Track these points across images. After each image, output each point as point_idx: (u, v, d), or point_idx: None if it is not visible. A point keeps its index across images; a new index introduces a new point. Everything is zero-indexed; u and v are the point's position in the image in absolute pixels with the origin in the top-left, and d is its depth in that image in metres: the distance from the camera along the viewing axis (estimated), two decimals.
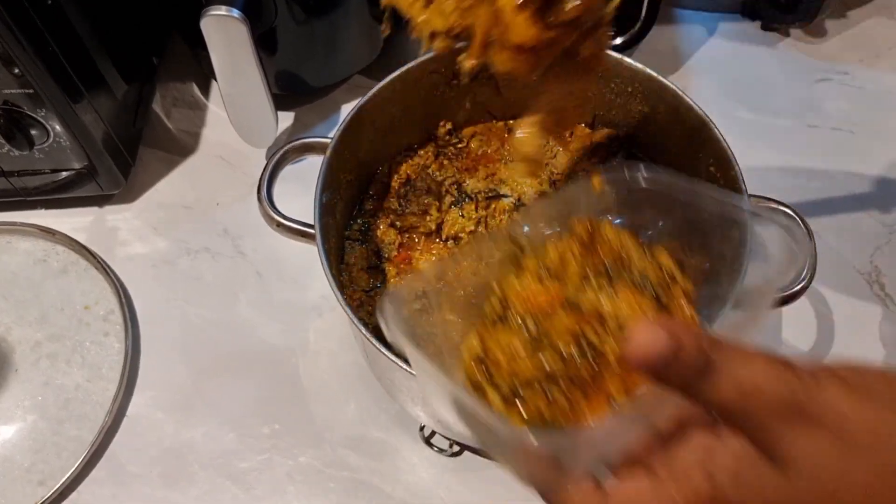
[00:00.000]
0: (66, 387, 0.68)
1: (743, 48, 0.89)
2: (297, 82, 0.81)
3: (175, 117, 0.85)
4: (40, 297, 0.72)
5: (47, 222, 0.76)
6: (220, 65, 0.68)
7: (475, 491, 0.64)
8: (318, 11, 0.74)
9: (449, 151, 0.69)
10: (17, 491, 0.63)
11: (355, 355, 0.70)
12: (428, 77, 0.64)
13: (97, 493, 0.65)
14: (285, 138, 0.83)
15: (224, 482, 0.65)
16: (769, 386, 0.29)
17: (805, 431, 0.29)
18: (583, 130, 0.70)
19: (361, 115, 0.61)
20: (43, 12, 0.61)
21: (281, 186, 0.60)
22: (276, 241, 0.61)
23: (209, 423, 0.67)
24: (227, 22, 0.64)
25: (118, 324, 0.70)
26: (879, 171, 0.80)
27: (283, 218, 0.58)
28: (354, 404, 0.68)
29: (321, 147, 0.60)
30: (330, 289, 0.52)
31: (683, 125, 0.62)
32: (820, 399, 0.29)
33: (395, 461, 0.65)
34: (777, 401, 0.29)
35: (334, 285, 0.52)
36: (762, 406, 0.29)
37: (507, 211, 0.65)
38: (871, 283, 0.73)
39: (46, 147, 0.69)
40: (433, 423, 0.60)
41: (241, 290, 0.74)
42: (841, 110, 0.84)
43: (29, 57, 0.61)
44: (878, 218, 0.77)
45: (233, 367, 0.70)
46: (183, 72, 0.88)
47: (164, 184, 0.81)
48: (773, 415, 0.29)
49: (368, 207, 0.67)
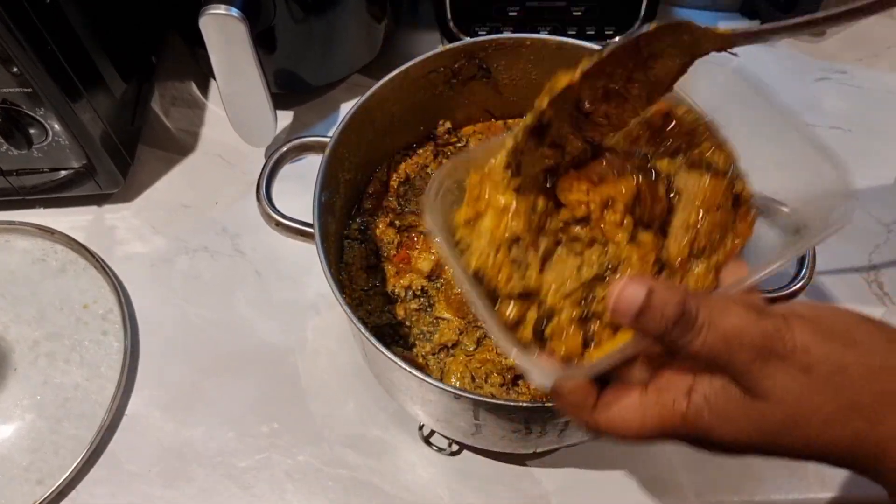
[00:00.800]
0: (64, 386, 0.68)
1: (742, 47, 0.89)
2: (296, 81, 0.81)
3: (174, 116, 0.85)
4: (39, 296, 0.72)
5: (46, 221, 0.76)
6: (219, 64, 0.68)
7: (474, 490, 0.64)
8: (316, 10, 0.74)
9: (448, 151, 0.69)
10: (15, 490, 0.63)
11: (354, 354, 0.70)
12: (427, 76, 0.64)
13: (96, 492, 0.65)
14: (284, 137, 0.83)
15: (223, 481, 0.65)
16: (747, 332, 0.33)
17: (776, 366, 0.33)
18: None
19: (361, 115, 0.61)
20: (41, 11, 0.61)
21: (280, 185, 0.60)
22: (274, 239, 0.61)
23: (208, 421, 0.67)
24: (225, 21, 0.64)
25: (117, 323, 0.70)
26: (878, 170, 0.80)
27: (282, 217, 0.58)
28: (353, 403, 0.68)
29: (320, 146, 0.60)
30: (328, 287, 0.52)
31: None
32: (788, 338, 0.33)
33: (394, 460, 0.66)
34: (753, 344, 0.33)
35: (333, 284, 0.52)
36: (741, 349, 0.33)
37: None
38: (869, 283, 0.73)
39: (45, 146, 0.69)
40: (432, 421, 0.60)
41: (240, 288, 0.74)
42: (839, 109, 0.84)
43: (27, 56, 0.60)
44: (876, 217, 0.77)
45: (231, 366, 0.70)
46: (182, 71, 0.88)
47: (162, 183, 0.81)
48: (749, 357, 0.33)
49: (367, 206, 0.67)
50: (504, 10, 0.79)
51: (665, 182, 0.43)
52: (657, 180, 0.43)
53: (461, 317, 0.61)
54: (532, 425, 0.53)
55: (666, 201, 0.43)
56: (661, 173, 0.43)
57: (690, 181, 0.43)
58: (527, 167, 0.41)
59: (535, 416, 0.52)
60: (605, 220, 0.41)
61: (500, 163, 0.41)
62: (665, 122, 0.45)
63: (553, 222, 0.42)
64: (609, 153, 0.43)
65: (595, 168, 0.42)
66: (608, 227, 0.41)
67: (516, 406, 0.50)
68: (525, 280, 0.40)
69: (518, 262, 0.40)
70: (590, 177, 0.42)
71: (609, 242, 0.41)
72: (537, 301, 0.40)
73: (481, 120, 0.71)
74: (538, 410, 0.51)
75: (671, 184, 0.43)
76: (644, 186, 0.42)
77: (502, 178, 0.41)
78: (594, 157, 0.43)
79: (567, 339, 0.40)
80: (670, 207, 0.43)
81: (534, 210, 0.41)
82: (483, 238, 0.40)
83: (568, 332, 0.40)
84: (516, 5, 0.78)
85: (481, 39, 0.63)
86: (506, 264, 0.40)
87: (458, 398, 0.50)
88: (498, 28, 0.80)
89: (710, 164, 0.44)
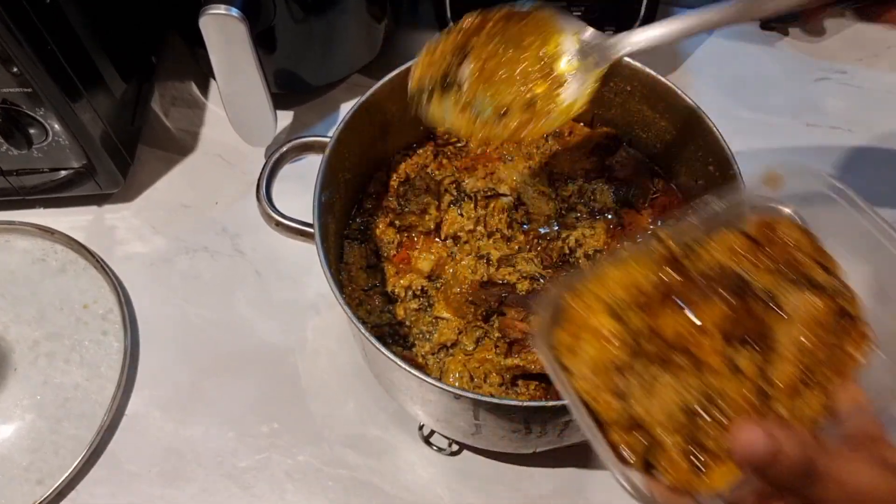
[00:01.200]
0: (64, 386, 0.68)
1: (742, 47, 0.89)
2: (296, 81, 0.81)
3: (174, 116, 0.85)
4: (39, 296, 0.72)
5: (46, 221, 0.76)
6: (219, 63, 0.68)
7: (474, 490, 0.64)
8: (316, 10, 0.74)
9: (448, 150, 0.69)
10: (15, 490, 0.63)
11: (354, 354, 0.70)
12: None
13: (96, 491, 0.65)
14: (284, 137, 0.83)
15: (223, 481, 0.65)
16: (874, 492, 0.33)
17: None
18: (582, 129, 0.70)
19: (361, 115, 0.61)
20: (41, 11, 0.61)
21: (280, 185, 0.60)
22: (274, 239, 0.61)
23: (208, 421, 0.67)
24: (225, 21, 0.64)
25: (117, 323, 0.70)
26: (878, 170, 0.80)
27: (283, 217, 0.58)
28: (353, 403, 0.68)
29: (320, 146, 0.60)
30: (328, 287, 0.52)
31: (682, 124, 0.62)
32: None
33: (394, 460, 0.66)
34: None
35: (333, 284, 0.52)
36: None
37: (505, 210, 0.65)
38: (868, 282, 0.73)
39: (45, 146, 0.69)
40: (432, 421, 0.60)
41: (240, 288, 0.74)
42: (839, 109, 0.84)
43: (27, 56, 0.60)
44: None
45: (231, 366, 0.70)
46: (182, 70, 0.88)
47: (162, 183, 0.81)
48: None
49: (367, 206, 0.67)
50: None
51: (765, 300, 0.43)
52: (755, 299, 0.42)
53: (460, 316, 0.61)
54: (532, 425, 0.53)
55: (764, 320, 0.42)
56: (760, 290, 0.43)
57: (794, 299, 0.43)
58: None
59: (535, 416, 0.52)
60: (703, 345, 0.41)
61: (604, 312, 0.42)
62: (766, 236, 0.45)
63: (654, 347, 0.42)
64: (702, 278, 0.43)
65: (685, 292, 0.42)
66: (706, 352, 0.41)
67: (516, 406, 0.50)
68: (629, 409, 0.40)
69: (621, 390, 0.40)
70: (680, 301, 0.42)
71: (710, 367, 0.41)
72: (643, 428, 0.40)
73: None
74: (538, 410, 0.51)
75: (775, 301, 0.43)
76: (740, 308, 0.42)
77: (604, 306, 0.42)
78: (684, 283, 0.43)
79: (675, 467, 0.39)
80: (771, 325, 0.42)
81: (635, 337, 0.41)
82: (585, 364, 0.41)
83: (675, 460, 0.40)
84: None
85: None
86: (608, 392, 0.40)
87: (459, 398, 0.50)
88: None
89: (815, 280, 0.44)
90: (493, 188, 0.66)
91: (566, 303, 0.42)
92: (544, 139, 0.69)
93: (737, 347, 0.41)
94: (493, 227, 0.65)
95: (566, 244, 0.63)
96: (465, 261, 0.63)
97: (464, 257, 0.63)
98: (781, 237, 0.45)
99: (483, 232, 0.65)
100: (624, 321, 0.41)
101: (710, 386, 0.40)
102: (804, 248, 0.45)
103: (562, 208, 0.66)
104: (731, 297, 0.42)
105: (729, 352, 0.41)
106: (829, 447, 0.34)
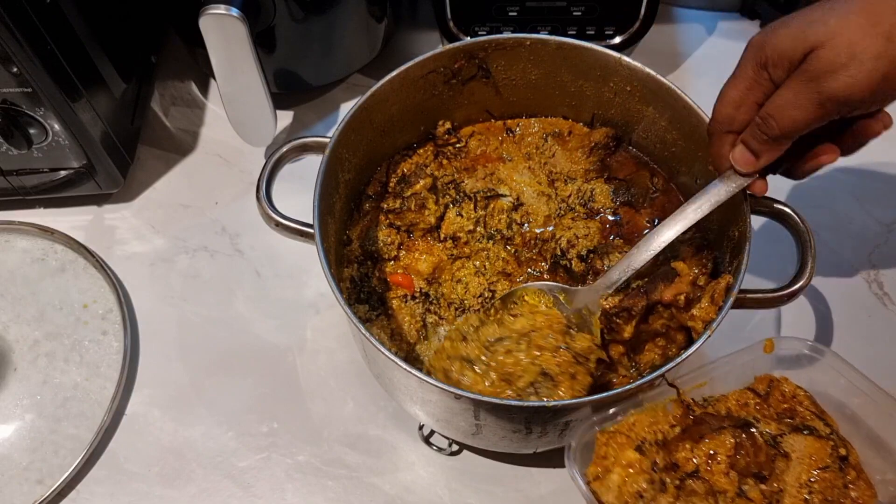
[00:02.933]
0: (64, 385, 0.68)
1: (742, 47, 0.89)
2: (295, 81, 0.81)
3: (173, 116, 0.85)
4: (38, 296, 0.72)
5: (46, 221, 0.76)
6: (219, 63, 0.68)
7: (474, 490, 0.64)
8: (316, 10, 0.74)
9: (448, 151, 0.69)
10: (14, 489, 0.63)
11: (353, 353, 0.70)
12: (427, 76, 0.64)
13: (95, 491, 0.65)
14: (284, 137, 0.83)
15: (223, 481, 0.65)
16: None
17: None
18: (581, 129, 0.70)
19: (360, 115, 0.61)
20: (41, 11, 0.61)
21: (280, 185, 0.60)
22: (273, 239, 0.61)
23: (207, 421, 0.67)
24: (225, 20, 0.64)
25: (116, 322, 0.70)
26: (877, 170, 0.80)
27: (282, 217, 0.58)
28: (353, 402, 0.68)
29: (320, 146, 0.60)
30: (328, 287, 0.52)
31: (682, 124, 0.62)
32: None
33: (394, 459, 0.66)
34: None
35: (334, 285, 0.52)
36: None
37: (505, 210, 0.65)
38: (869, 282, 0.73)
39: (45, 146, 0.69)
40: (432, 421, 0.60)
41: (239, 288, 0.74)
42: None
43: (27, 56, 0.60)
44: (876, 217, 0.77)
45: (231, 366, 0.70)
46: (181, 70, 0.88)
47: (162, 182, 0.81)
48: None
49: (367, 207, 0.67)
50: (504, 10, 0.79)
51: (769, 440, 0.52)
52: (758, 435, 0.52)
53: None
54: (532, 425, 0.53)
55: (767, 453, 0.51)
56: (764, 432, 0.52)
57: (796, 442, 0.52)
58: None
59: (535, 417, 0.52)
60: (713, 471, 0.50)
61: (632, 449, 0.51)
62: (770, 390, 0.55)
63: (672, 478, 0.50)
64: (709, 417, 0.53)
65: (698, 430, 0.52)
66: (716, 477, 0.50)
67: (517, 406, 0.50)
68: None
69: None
70: (693, 437, 0.52)
71: (722, 494, 0.49)
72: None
73: (481, 120, 0.71)
74: (538, 410, 0.51)
75: (778, 444, 0.52)
76: (743, 439, 0.50)
77: (628, 440, 0.51)
78: (696, 423, 0.53)
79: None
80: (774, 457, 0.51)
81: (654, 468, 0.50)
82: (611, 493, 0.49)
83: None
84: (516, 5, 0.79)
85: (481, 39, 0.63)
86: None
87: (459, 398, 0.50)
88: (498, 28, 0.80)
89: (813, 428, 0.53)
90: (492, 189, 0.66)
91: (598, 441, 0.51)
92: (544, 139, 0.69)
93: (746, 481, 0.50)
94: (493, 227, 0.65)
95: (558, 245, 0.63)
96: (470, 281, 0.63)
97: (466, 274, 0.64)
98: (784, 393, 0.54)
99: (483, 232, 0.65)
100: (646, 455, 0.50)
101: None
102: (804, 404, 0.54)
103: (561, 208, 0.66)
104: (739, 432, 0.50)
105: (736, 477, 0.49)
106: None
